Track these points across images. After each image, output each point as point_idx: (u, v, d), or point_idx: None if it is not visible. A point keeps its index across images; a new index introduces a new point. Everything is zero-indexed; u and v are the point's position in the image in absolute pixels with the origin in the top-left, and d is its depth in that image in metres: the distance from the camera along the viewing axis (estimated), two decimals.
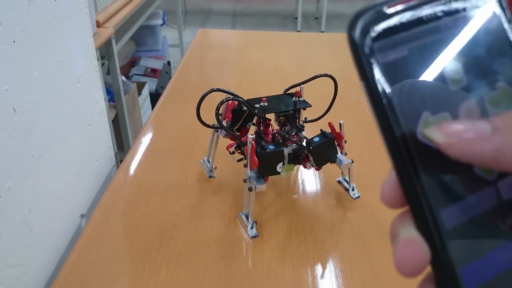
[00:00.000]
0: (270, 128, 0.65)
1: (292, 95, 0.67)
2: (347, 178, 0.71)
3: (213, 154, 0.73)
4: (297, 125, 0.66)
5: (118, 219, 0.67)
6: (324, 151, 0.63)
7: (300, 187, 0.74)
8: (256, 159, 0.58)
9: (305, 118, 0.69)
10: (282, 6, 4.54)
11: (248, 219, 0.63)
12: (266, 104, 0.63)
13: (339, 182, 0.73)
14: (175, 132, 0.90)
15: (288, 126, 0.65)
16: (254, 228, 0.63)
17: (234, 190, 0.72)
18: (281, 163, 0.61)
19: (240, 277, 0.57)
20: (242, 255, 0.60)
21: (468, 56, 0.19)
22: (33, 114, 0.61)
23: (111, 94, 1.52)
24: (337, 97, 0.68)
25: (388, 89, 0.18)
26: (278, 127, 0.66)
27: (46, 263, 0.66)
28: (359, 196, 0.70)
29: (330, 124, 0.64)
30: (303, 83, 0.67)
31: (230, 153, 0.65)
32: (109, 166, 0.92)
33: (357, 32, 0.18)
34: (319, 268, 0.59)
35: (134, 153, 0.83)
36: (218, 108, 0.60)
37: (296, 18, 3.93)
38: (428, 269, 0.18)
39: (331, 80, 0.67)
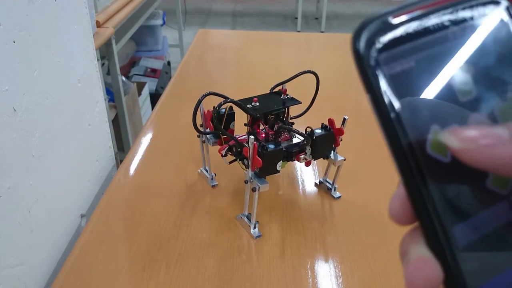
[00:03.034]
0: (261, 127, 0.66)
1: (280, 93, 0.68)
2: (328, 179, 0.71)
3: (208, 163, 0.73)
4: (288, 122, 0.67)
5: (118, 219, 0.67)
6: (324, 143, 0.64)
7: (300, 187, 0.74)
8: (260, 159, 0.58)
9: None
10: (282, 6, 4.55)
11: (249, 220, 0.63)
12: (257, 104, 0.63)
13: (320, 183, 0.73)
14: (175, 132, 0.90)
15: (280, 124, 0.65)
16: (256, 228, 0.63)
17: (232, 191, 0.72)
18: (280, 161, 0.62)
19: (240, 277, 0.57)
20: (242, 255, 0.60)
21: (477, 66, 0.18)
22: (33, 114, 0.61)
23: (111, 94, 1.52)
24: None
25: (395, 102, 0.17)
26: (266, 126, 0.66)
27: (46, 263, 0.66)
28: (340, 196, 0.70)
29: (330, 120, 0.65)
30: (288, 80, 0.68)
31: (222, 156, 0.65)
32: (109, 166, 0.92)
33: (361, 44, 0.17)
34: (319, 268, 0.59)
35: (134, 153, 0.83)
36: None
37: (296, 18, 3.93)
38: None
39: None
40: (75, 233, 0.75)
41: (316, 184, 0.73)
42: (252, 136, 0.57)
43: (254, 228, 0.63)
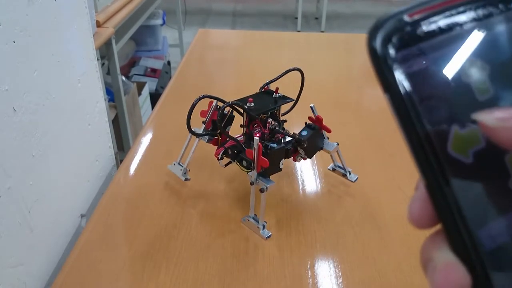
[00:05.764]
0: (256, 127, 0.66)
1: (271, 92, 0.68)
2: (339, 164, 0.72)
3: (189, 157, 0.72)
4: (280, 121, 0.68)
5: (118, 219, 0.67)
6: (314, 142, 0.66)
7: (300, 187, 0.74)
8: (266, 159, 0.58)
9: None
10: (282, 6, 4.55)
11: (258, 222, 0.63)
12: (253, 104, 0.64)
13: (333, 169, 0.74)
14: (175, 132, 0.90)
15: (275, 123, 0.66)
16: (266, 229, 0.63)
17: (232, 191, 0.72)
18: (283, 159, 0.62)
19: (240, 277, 0.57)
20: (242, 255, 0.60)
21: (495, 64, 0.18)
22: (33, 114, 0.61)
23: (111, 94, 1.52)
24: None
25: (415, 101, 0.17)
26: (266, 125, 0.67)
27: (46, 263, 0.66)
28: (357, 178, 0.72)
29: (309, 118, 0.66)
30: (277, 79, 0.69)
31: (218, 159, 0.65)
32: (109, 166, 0.92)
33: (378, 43, 0.17)
34: (319, 268, 0.59)
35: (134, 153, 0.83)
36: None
37: (296, 18, 3.93)
38: None
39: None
40: (75, 233, 0.75)
41: (329, 170, 0.74)
42: (257, 138, 0.57)
43: (264, 229, 0.63)
